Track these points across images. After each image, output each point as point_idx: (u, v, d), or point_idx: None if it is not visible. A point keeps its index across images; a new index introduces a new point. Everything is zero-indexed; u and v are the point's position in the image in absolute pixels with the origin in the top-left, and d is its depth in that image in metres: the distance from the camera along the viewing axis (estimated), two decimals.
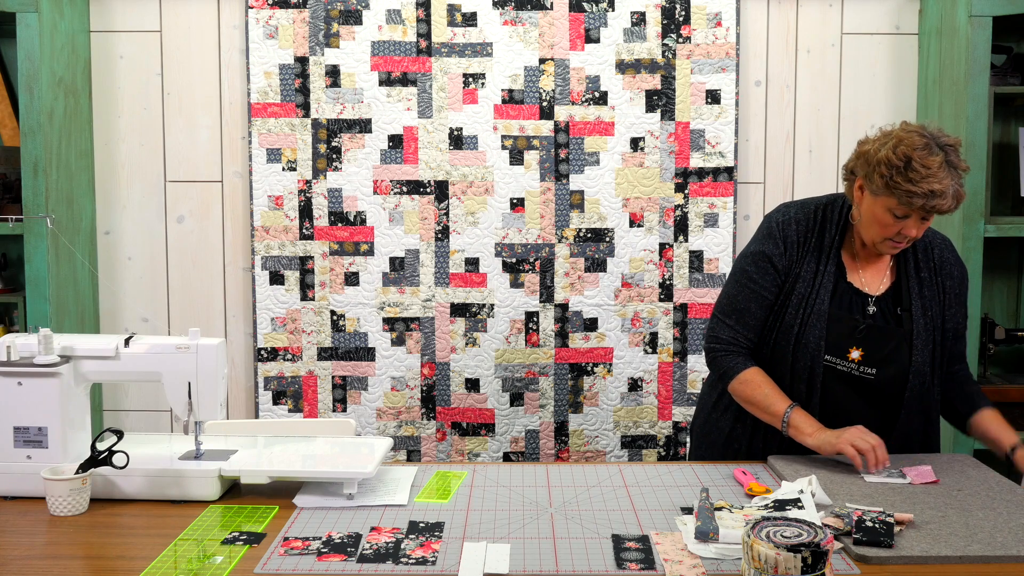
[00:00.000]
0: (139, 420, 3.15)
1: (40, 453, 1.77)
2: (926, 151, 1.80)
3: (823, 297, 1.95)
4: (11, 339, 1.78)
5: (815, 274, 1.97)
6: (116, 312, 3.13)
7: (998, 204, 3.06)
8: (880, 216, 1.87)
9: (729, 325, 2.03)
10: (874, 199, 1.87)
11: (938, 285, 2.00)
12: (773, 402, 1.94)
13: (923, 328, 1.95)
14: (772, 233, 2.01)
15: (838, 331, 1.95)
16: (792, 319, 1.97)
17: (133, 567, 1.45)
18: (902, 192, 1.80)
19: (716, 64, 3.00)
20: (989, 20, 2.70)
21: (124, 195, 3.10)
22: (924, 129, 1.85)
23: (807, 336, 1.95)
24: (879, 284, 1.99)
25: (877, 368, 1.94)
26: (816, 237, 1.99)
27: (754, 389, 1.97)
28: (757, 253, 2.02)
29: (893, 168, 1.81)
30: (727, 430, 2.10)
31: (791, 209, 2.04)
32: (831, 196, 2.06)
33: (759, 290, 2.00)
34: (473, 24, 2.99)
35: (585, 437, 3.08)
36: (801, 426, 1.90)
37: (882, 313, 1.97)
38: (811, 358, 1.95)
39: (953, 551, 1.47)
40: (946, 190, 1.79)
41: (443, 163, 3.02)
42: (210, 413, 1.83)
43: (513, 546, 1.53)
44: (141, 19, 3.06)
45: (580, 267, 3.04)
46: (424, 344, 3.05)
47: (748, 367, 1.99)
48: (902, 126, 1.89)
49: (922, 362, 1.95)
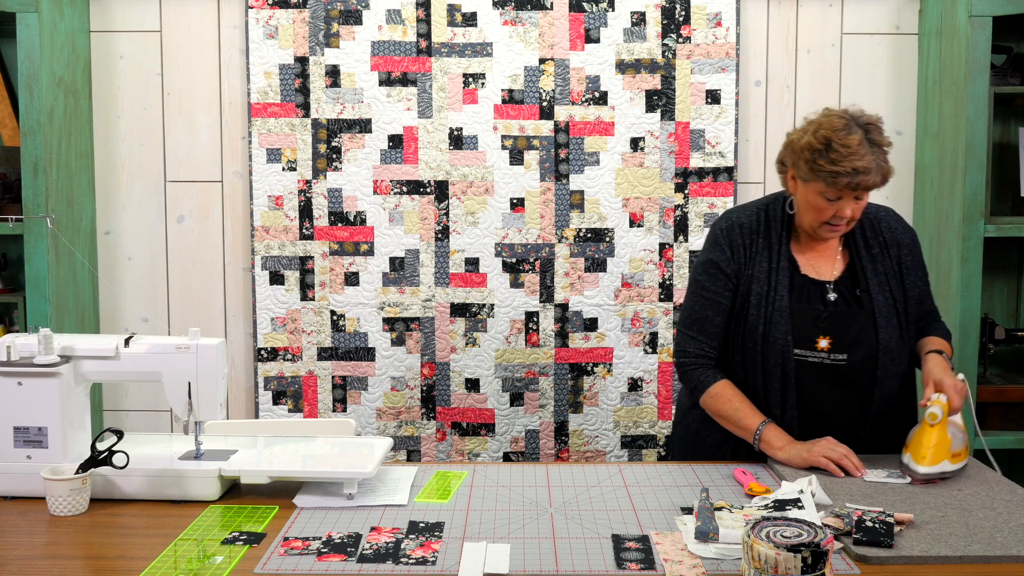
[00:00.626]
0: (139, 420, 3.15)
1: (40, 453, 1.77)
2: (845, 131, 1.85)
3: (781, 293, 1.97)
4: (11, 339, 1.78)
5: (769, 272, 2.00)
6: (116, 312, 3.13)
7: (998, 204, 3.06)
8: (814, 201, 1.91)
9: (693, 337, 2.05)
10: (805, 186, 1.92)
11: (891, 257, 2.02)
12: (743, 416, 1.96)
13: (884, 304, 1.97)
14: (717, 241, 2.05)
15: (802, 323, 1.96)
16: (755, 319, 1.98)
17: (133, 567, 1.45)
18: (827, 174, 1.85)
19: (716, 64, 3.01)
20: (989, 20, 2.70)
21: (124, 195, 3.10)
22: (845, 112, 1.90)
23: (773, 334, 1.96)
24: (833, 270, 2.02)
25: (847, 353, 1.95)
26: (763, 236, 2.02)
27: (724, 403, 1.99)
28: (706, 262, 2.06)
29: (815, 152, 1.86)
30: (704, 437, 2.10)
31: (733, 214, 2.08)
32: (773, 195, 2.10)
33: (714, 297, 2.03)
34: (473, 24, 2.99)
35: (585, 437, 3.08)
36: (771, 440, 1.92)
37: (842, 297, 1.99)
38: (781, 354, 1.96)
39: (953, 551, 1.48)
40: (869, 167, 1.83)
41: (443, 163, 3.02)
42: (210, 413, 1.83)
43: (513, 546, 1.53)
44: (141, 19, 3.06)
45: (580, 267, 3.04)
46: (424, 344, 3.05)
47: (717, 380, 2.01)
48: (823, 111, 1.94)
49: (888, 338, 1.96)
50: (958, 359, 2.75)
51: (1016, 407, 2.86)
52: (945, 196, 2.86)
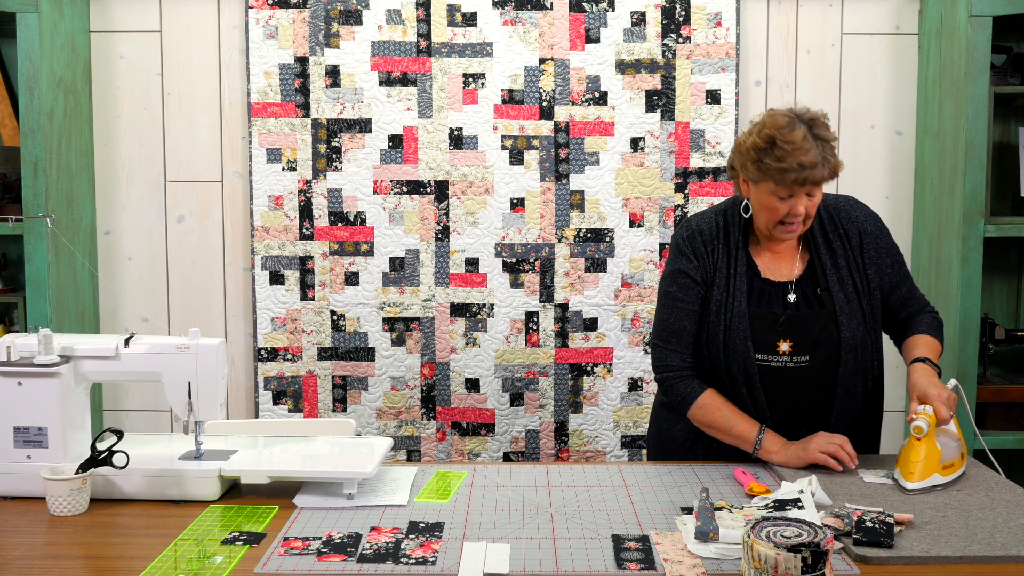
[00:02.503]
0: (139, 420, 3.15)
1: (40, 453, 1.77)
2: (788, 128, 1.85)
3: (739, 299, 1.96)
4: (11, 339, 1.78)
5: (727, 277, 1.99)
6: (116, 312, 3.13)
7: (998, 204, 3.06)
8: (767, 202, 1.90)
9: (672, 350, 2.02)
10: (756, 187, 1.91)
11: (852, 248, 2.00)
12: (735, 424, 1.94)
13: (845, 302, 1.96)
14: (681, 249, 2.04)
15: (761, 328, 1.95)
16: (716, 326, 1.98)
17: (133, 567, 1.45)
18: (774, 171, 1.84)
19: (716, 64, 3.00)
20: (989, 20, 2.70)
21: (124, 195, 3.10)
22: (789, 110, 1.90)
23: (733, 340, 1.95)
24: (793, 270, 2.00)
25: (809, 355, 1.95)
26: (722, 242, 2.01)
27: (713, 413, 1.96)
28: (674, 272, 2.04)
29: (760, 151, 1.86)
30: (680, 438, 2.10)
31: (692, 222, 2.07)
32: (729, 200, 2.09)
33: (686, 307, 2.01)
34: (473, 24, 2.99)
35: (585, 437, 3.08)
36: (769, 447, 1.92)
37: (803, 298, 1.98)
38: (742, 360, 1.95)
39: (953, 551, 1.48)
40: (815, 161, 1.83)
41: (443, 163, 3.02)
42: (210, 413, 1.83)
43: (513, 546, 1.53)
44: (141, 19, 3.06)
45: (580, 267, 3.04)
46: (424, 344, 3.05)
47: (703, 391, 1.99)
48: (767, 112, 1.94)
49: (851, 335, 1.94)
50: (958, 359, 2.74)
51: (1016, 407, 2.86)
52: (945, 196, 2.86)
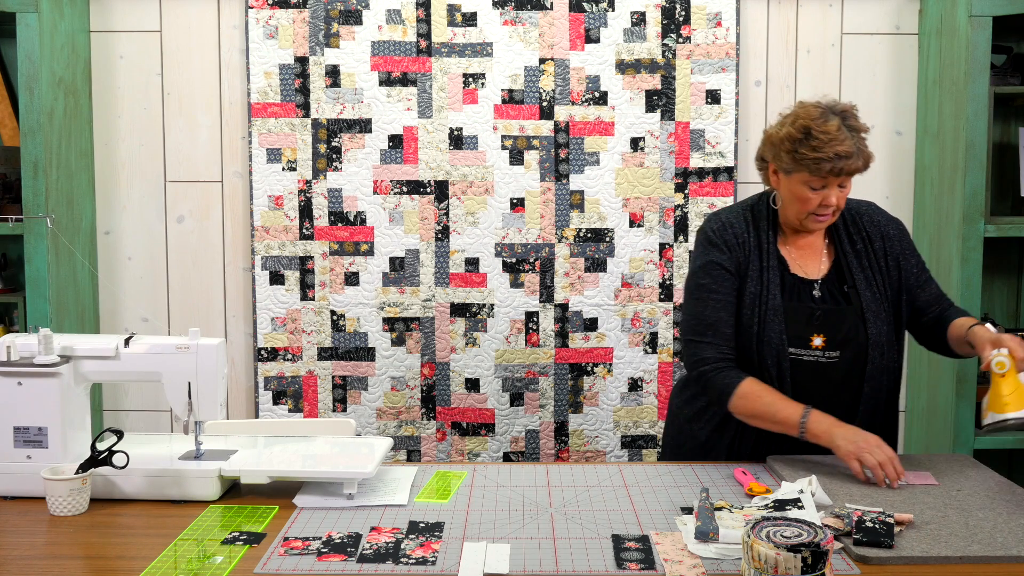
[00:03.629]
0: (139, 420, 3.15)
1: (40, 453, 1.77)
2: (822, 119, 1.87)
3: (774, 292, 1.97)
4: (11, 339, 1.78)
5: (760, 271, 1.99)
6: (116, 312, 3.13)
7: (998, 204, 3.06)
8: (799, 192, 1.91)
9: (707, 343, 1.97)
10: (788, 178, 1.93)
11: (875, 251, 2.02)
12: (779, 409, 1.88)
13: (871, 300, 1.97)
14: (713, 241, 2.02)
15: (796, 321, 1.96)
16: (749, 320, 1.97)
17: (133, 567, 1.45)
18: (810, 161, 1.86)
19: (716, 64, 3.00)
20: (989, 20, 2.70)
21: (124, 195, 3.10)
22: (818, 103, 1.92)
23: (768, 333, 1.95)
24: (819, 268, 2.02)
25: (840, 350, 1.96)
26: (753, 236, 2.02)
27: (755, 401, 1.91)
28: (706, 264, 2.01)
29: (796, 141, 1.88)
30: (702, 439, 2.09)
31: (721, 215, 2.07)
32: (755, 196, 2.10)
33: (722, 297, 1.99)
34: (473, 24, 2.99)
35: (585, 437, 3.08)
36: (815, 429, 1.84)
37: (830, 295, 1.99)
38: (776, 354, 1.95)
39: (953, 551, 1.48)
40: (851, 151, 1.85)
41: (443, 163, 3.02)
42: (210, 413, 1.83)
43: (513, 546, 1.53)
44: (141, 19, 3.06)
45: (580, 267, 3.04)
46: (424, 344, 3.05)
47: (742, 380, 1.93)
48: (797, 104, 1.96)
49: (878, 333, 1.96)
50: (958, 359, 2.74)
51: None
52: (945, 196, 2.86)
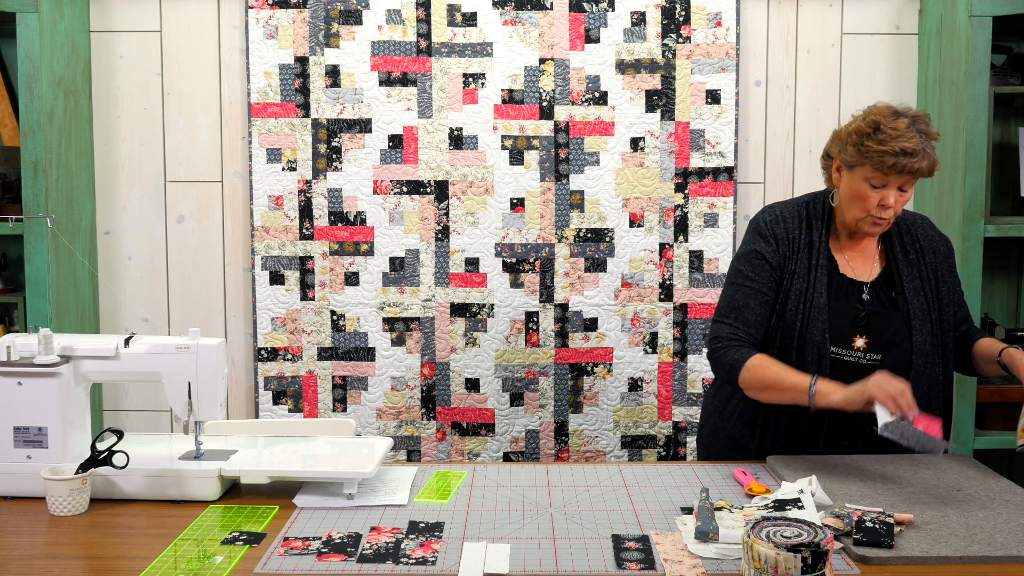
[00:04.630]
0: (139, 420, 3.15)
1: (40, 453, 1.77)
2: (893, 116, 1.89)
3: (820, 290, 1.98)
4: (11, 339, 1.78)
5: (808, 269, 2.00)
6: (116, 312, 3.13)
7: (998, 204, 3.06)
8: (858, 189, 1.92)
9: (727, 323, 2.03)
10: (851, 174, 1.94)
11: (926, 264, 2.04)
12: (786, 376, 1.89)
13: (919, 308, 1.99)
14: (762, 232, 2.05)
15: (840, 321, 1.97)
16: (793, 316, 1.99)
17: (133, 567, 1.45)
18: (874, 154, 1.87)
19: (716, 64, 3.00)
20: (989, 20, 2.70)
21: (124, 195, 3.10)
22: (893, 104, 1.94)
23: (810, 330, 1.96)
24: (870, 272, 2.03)
25: (882, 354, 1.96)
26: (805, 233, 2.03)
27: (763, 372, 1.92)
28: (749, 252, 2.05)
29: (863, 135, 1.90)
30: (736, 436, 2.10)
31: (776, 208, 2.09)
32: (811, 194, 2.11)
33: (756, 287, 2.02)
34: (473, 24, 2.99)
35: (585, 437, 3.08)
36: (824, 389, 1.84)
37: (877, 299, 2.00)
38: (817, 352, 1.96)
39: (953, 551, 1.48)
40: (917, 149, 1.85)
41: (443, 163, 3.02)
42: (210, 413, 1.83)
43: (513, 546, 1.53)
44: (141, 19, 3.06)
45: (580, 267, 3.04)
46: (424, 344, 3.05)
47: (752, 355, 1.95)
48: (872, 104, 1.98)
49: (923, 341, 1.97)
50: None
51: (1016, 407, 2.84)
52: (945, 196, 2.86)
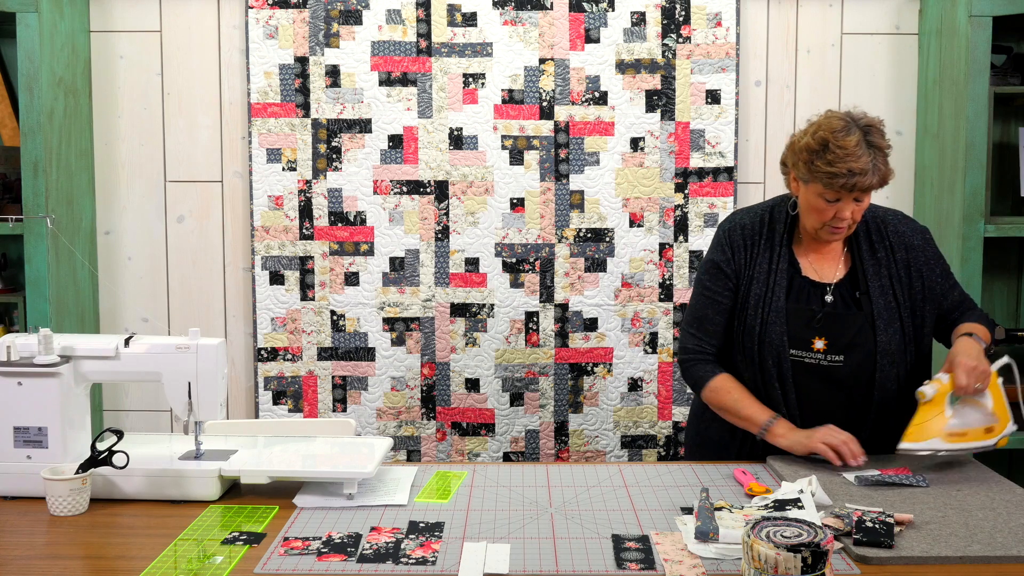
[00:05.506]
0: (139, 420, 3.15)
1: (40, 453, 1.77)
2: (843, 132, 1.85)
3: (779, 294, 1.99)
4: (11, 339, 1.78)
5: (768, 273, 2.01)
6: (116, 312, 3.13)
7: (998, 204, 3.06)
8: (814, 203, 1.92)
9: (692, 334, 2.08)
10: (805, 187, 1.94)
11: (896, 261, 2.01)
12: (744, 407, 1.97)
13: (884, 307, 1.97)
14: (720, 241, 2.09)
15: (797, 324, 1.97)
16: (752, 320, 2.00)
17: (133, 567, 1.45)
18: (823, 175, 1.86)
19: (716, 64, 3.00)
20: (989, 20, 2.70)
21: (124, 195, 3.10)
22: (847, 113, 1.90)
23: (769, 334, 1.98)
24: (834, 272, 2.02)
25: (844, 355, 1.96)
26: (765, 238, 2.04)
27: (724, 396, 2.01)
28: (708, 262, 2.10)
29: (813, 153, 1.88)
30: (716, 439, 2.12)
31: (737, 215, 2.11)
32: (779, 197, 2.12)
33: (714, 296, 2.06)
34: (473, 24, 2.99)
35: (585, 437, 3.08)
36: (775, 430, 1.93)
37: (841, 299, 1.99)
38: (776, 355, 1.97)
39: (953, 551, 1.48)
40: (865, 168, 1.83)
41: (443, 163, 3.02)
42: (210, 413, 1.83)
43: (513, 546, 1.53)
44: (141, 19, 3.06)
45: (580, 267, 3.04)
46: (424, 344, 3.05)
47: (717, 374, 2.03)
48: (825, 113, 1.94)
49: (888, 341, 1.95)
50: None
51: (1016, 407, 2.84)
52: (945, 196, 2.86)
